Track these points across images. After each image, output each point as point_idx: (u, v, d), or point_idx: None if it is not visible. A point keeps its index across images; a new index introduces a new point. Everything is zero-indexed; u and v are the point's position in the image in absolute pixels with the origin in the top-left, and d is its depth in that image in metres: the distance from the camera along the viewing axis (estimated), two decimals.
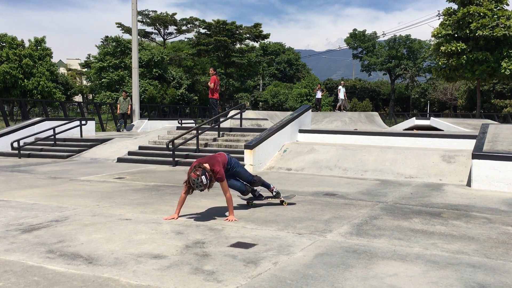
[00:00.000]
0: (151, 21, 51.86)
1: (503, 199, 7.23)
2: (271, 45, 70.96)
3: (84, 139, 15.04)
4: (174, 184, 8.49)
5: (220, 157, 5.77)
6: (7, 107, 30.37)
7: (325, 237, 4.84)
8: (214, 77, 14.93)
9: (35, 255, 4.10)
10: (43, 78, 32.97)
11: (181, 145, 12.23)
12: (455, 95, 56.72)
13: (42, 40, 35.06)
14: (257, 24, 47.09)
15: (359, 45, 66.48)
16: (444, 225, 5.40)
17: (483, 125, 11.16)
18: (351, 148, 11.05)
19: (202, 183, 5.18)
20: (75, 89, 51.72)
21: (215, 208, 6.30)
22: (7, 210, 6.02)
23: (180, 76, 45.55)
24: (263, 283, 3.47)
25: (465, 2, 28.91)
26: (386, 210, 6.27)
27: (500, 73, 28.11)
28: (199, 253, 4.21)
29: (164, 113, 33.39)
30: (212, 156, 5.68)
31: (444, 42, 29.11)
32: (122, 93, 21.20)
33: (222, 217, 5.70)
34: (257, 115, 20.15)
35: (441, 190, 8.00)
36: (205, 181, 5.19)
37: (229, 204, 5.53)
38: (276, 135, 11.74)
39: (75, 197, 7.06)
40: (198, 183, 5.17)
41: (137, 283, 3.45)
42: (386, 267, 3.87)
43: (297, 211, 6.14)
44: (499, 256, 4.24)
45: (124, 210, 6.07)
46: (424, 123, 24.34)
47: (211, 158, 5.61)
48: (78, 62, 70.45)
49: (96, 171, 10.28)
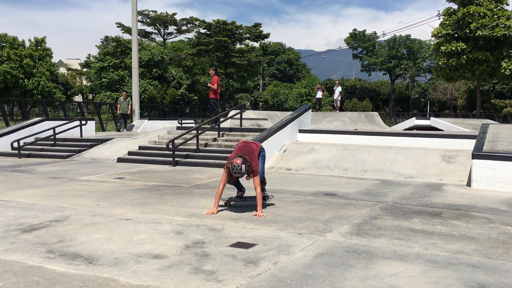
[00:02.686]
0: (151, 21, 51.87)
1: (503, 199, 7.23)
2: (271, 45, 70.97)
3: (84, 139, 15.04)
4: (174, 184, 8.49)
5: (257, 147, 6.15)
6: (7, 107, 30.37)
7: (325, 237, 4.84)
8: (216, 77, 14.91)
9: (35, 255, 4.10)
10: (43, 78, 33.00)
11: (181, 145, 12.23)
12: (455, 95, 56.74)
13: (42, 40, 35.10)
14: (257, 24, 47.09)
15: (359, 45, 66.52)
16: (444, 225, 5.40)
17: (483, 125, 11.16)
18: (351, 148, 11.05)
19: (241, 171, 5.61)
20: (75, 89, 51.72)
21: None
22: (7, 210, 6.02)
23: (180, 76, 45.56)
24: (263, 283, 3.47)
25: (465, 2, 28.91)
26: (386, 210, 6.27)
27: (500, 73, 28.10)
28: (199, 253, 4.21)
29: (164, 113, 33.40)
30: (250, 148, 6.00)
31: (444, 42, 29.11)
32: (122, 93, 21.15)
33: (222, 217, 5.71)
34: (257, 115, 20.16)
35: (441, 190, 8.00)
36: (244, 170, 5.63)
37: (259, 199, 5.82)
38: (276, 135, 11.75)
39: (75, 197, 7.06)
40: (237, 170, 5.61)
41: (137, 283, 3.45)
42: (386, 267, 3.87)
43: (297, 211, 6.14)
44: (499, 256, 4.24)
45: (124, 210, 6.07)
46: (424, 123, 24.34)
47: (250, 150, 5.95)
48: (78, 62, 70.43)
49: (96, 171, 10.28)
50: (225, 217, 5.68)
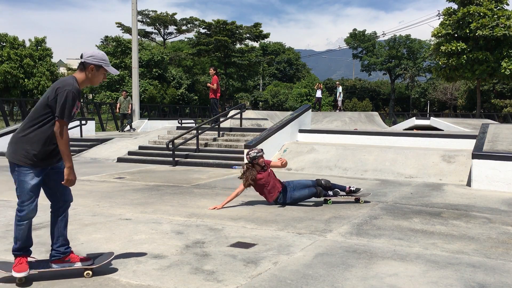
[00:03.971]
0: (151, 21, 51.84)
1: (503, 199, 7.23)
2: (271, 45, 70.97)
3: (84, 139, 15.05)
4: (174, 184, 8.49)
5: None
6: (7, 107, 30.35)
7: (325, 237, 4.84)
8: (216, 77, 14.91)
9: (35, 255, 4.09)
10: (43, 78, 33.01)
11: (181, 145, 12.23)
12: (455, 95, 56.71)
13: (42, 40, 35.09)
14: (257, 24, 47.09)
15: (359, 45, 66.48)
16: (444, 225, 5.40)
17: (483, 125, 11.17)
18: (351, 148, 11.05)
19: (256, 152, 6.36)
20: None
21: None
22: (7, 210, 6.02)
23: (180, 76, 45.54)
24: (263, 283, 3.47)
25: (465, 2, 28.91)
26: (386, 210, 6.27)
27: (500, 73, 28.10)
28: (199, 253, 4.21)
29: (164, 113, 33.40)
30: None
31: (444, 42, 29.11)
32: (122, 92, 21.07)
33: (222, 217, 5.71)
34: (257, 115, 20.16)
35: (441, 190, 8.00)
36: (254, 154, 6.35)
37: (231, 196, 6.41)
38: (276, 135, 11.75)
39: (75, 196, 7.01)
40: (255, 153, 6.38)
41: (137, 283, 3.45)
42: (386, 267, 3.87)
43: (297, 211, 6.14)
44: (499, 256, 4.24)
45: (124, 210, 6.07)
46: (424, 123, 24.35)
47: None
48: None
49: (96, 171, 10.28)
50: (225, 217, 5.68)
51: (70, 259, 3.55)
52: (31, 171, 3.35)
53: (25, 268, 3.39)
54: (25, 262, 3.43)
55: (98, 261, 3.59)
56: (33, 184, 3.38)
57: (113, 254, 3.76)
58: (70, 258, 3.55)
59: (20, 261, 3.42)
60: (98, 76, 3.53)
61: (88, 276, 3.50)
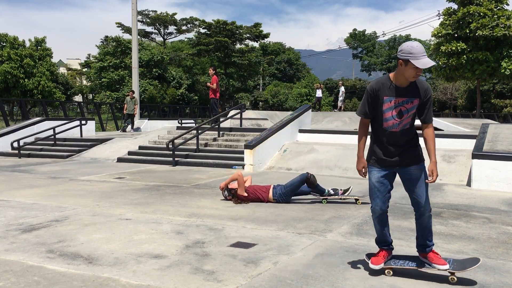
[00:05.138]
0: (151, 21, 51.84)
1: (503, 199, 7.23)
2: (271, 45, 70.94)
3: (84, 139, 15.04)
4: (174, 184, 8.49)
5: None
6: (7, 107, 30.36)
7: (325, 237, 4.84)
8: (215, 77, 14.92)
9: (35, 255, 4.10)
10: (43, 78, 33.01)
11: (181, 145, 12.23)
12: (455, 95, 56.71)
13: (42, 40, 35.11)
14: (257, 24, 47.09)
15: (359, 45, 66.55)
16: (444, 225, 5.40)
17: (483, 125, 11.16)
18: (351, 148, 11.05)
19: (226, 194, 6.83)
20: (75, 89, 51.71)
21: (215, 208, 6.30)
22: (7, 210, 6.02)
23: (180, 76, 45.53)
24: (263, 283, 3.47)
25: (465, 2, 28.89)
26: None
27: (500, 73, 28.07)
28: (199, 253, 4.21)
29: (164, 113, 33.38)
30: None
31: (444, 42, 29.09)
32: (129, 92, 20.99)
33: (222, 217, 5.71)
34: (257, 115, 20.15)
35: (441, 190, 8.00)
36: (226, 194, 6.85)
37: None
38: (276, 135, 11.74)
39: (75, 197, 7.06)
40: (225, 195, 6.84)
41: (137, 283, 3.45)
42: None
43: (297, 211, 6.14)
44: (499, 256, 4.24)
45: (124, 210, 6.07)
46: None
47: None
48: (78, 62, 70.40)
49: (96, 171, 10.28)
50: (225, 217, 5.68)
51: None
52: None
53: (380, 261, 3.66)
54: (382, 256, 3.69)
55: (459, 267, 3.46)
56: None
57: (479, 260, 3.52)
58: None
59: (379, 254, 3.73)
60: (408, 71, 3.40)
61: (453, 282, 3.46)
